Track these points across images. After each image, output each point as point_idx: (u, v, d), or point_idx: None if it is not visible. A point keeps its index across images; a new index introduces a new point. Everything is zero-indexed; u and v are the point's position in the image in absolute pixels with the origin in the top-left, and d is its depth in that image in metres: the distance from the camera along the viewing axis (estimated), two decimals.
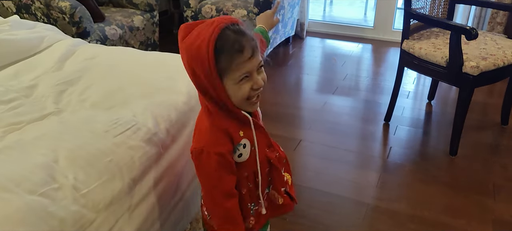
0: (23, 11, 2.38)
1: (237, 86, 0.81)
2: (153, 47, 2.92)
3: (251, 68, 0.81)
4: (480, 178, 1.79)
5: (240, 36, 0.79)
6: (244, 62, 0.79)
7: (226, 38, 0.78)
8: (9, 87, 1.28)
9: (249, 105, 0.86)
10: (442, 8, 2.19)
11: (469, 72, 1.74)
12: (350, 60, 3.19)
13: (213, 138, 0.86)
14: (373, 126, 2.23)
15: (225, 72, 0.80)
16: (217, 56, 0.77)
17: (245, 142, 0.90)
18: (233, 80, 0.80)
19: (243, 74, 0.80)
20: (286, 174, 1.03)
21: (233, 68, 0.79)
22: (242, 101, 0.84)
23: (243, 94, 0.82)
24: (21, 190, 0.82)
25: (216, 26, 0.78)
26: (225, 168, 0.87)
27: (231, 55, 0.78)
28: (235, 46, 0.77)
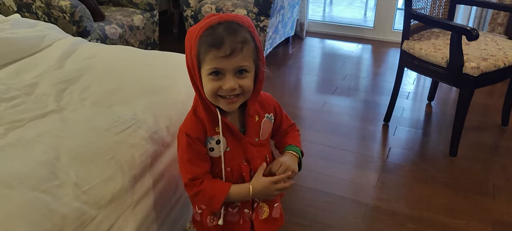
0: (24, 10, 2.38)
1: (207, 79, 0.82)
2: (153, 46, 2.92)
3: (224, 67, 0.80)
4: (480, 179, 1.79)
5: (227, 33, 0.78)
6: (219, 58, 0.79)
7: (214, 31, 0.79)
8: (10, 86, 1.28)
9: (221, 103, 0.85)
10: (443, 8, 2.20)
11: (469, 73, 1.75)
12: (349, 60, 3.19)
13: (189, 121, 0.91)
14: (373, 126, 2.23)
15: (201, 63, 0.82)
16: (199, 44, 0.80)
17: (220, 138, 0.90)
18: (205, 72, 0.82)
19: (213, 68, 0.80)
20: (263, 204, 1.00)
21: (206, 60, 0.80)
22: (211, 96, 0.84)
23: (210, 89, 0.83)
24: (23, 187, 0.83)
25: (215, 18, 0.80)
26: (195, 152, 0.90)
27: (208, 48, 0.79)
28: (214, 40, 0.78)
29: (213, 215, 0.99)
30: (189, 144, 0.89)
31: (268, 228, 1.00)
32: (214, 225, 0.99)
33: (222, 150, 0.91)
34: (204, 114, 0.88)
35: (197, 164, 0.90)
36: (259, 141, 0.96)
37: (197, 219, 1.03)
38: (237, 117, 0.93)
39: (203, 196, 0.91)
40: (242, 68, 0.81)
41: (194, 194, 0.91)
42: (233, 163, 0.94)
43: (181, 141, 0.91)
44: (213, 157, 0.93)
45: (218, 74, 0.81)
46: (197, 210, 1.01)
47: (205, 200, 0.92)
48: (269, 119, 0.98)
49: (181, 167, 0.93)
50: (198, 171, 0.90)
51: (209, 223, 0.99)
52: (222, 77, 0.81)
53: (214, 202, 0.91)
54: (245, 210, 0.99)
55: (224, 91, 0.82)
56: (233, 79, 0.81)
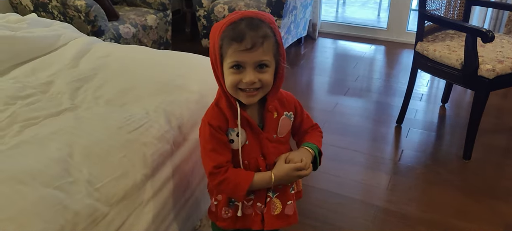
0: (40, 9, 2.43)
1: (228, 72, 0.85)
2: (165, 46, 2.95)
3: (245, 60, 0.82)
4: (493, 182, 1.76)
5: (248, 28, 0.81)
6: (240, 52, 0.82)
7: (236, 26, 0.82)
8: (26, 84, 1.31)
9: (241, 96, 0.87)
10: (458, 9, 2.16)
11: (484, 75, 1.72)
12: (362, 61, 3.17)
13: (212, 112, 0.93)
14: (385, 128, 2.21)
15: (223, 57, 0.85)
16: (222, 39, 0.83)
17: (240, 131, 0.92)
18: (226, 65, 0.84)
19: (234, 62, 0.83)
20: (276, 200, 1.00)
21: (228, 54, 0.83)
22: (231, 89, 0.86)
23: (230, 82, 0.85)
24: (37, 183, 0.85)
25: (238, 15, 0.84)
26: (218, 141, 0.91)
27: (230, 41, 0.82)
28: (236, 34, 0.81)
29: (228, 206, 1.00)
30: (211, 133, 0.91)
31: (279, 223, 1.00)
32: (228, 217, 1.00)
33: (240, 143, 0.92)
34: (226, 107, 0.91)
35: (220, 152, 0.91)
36: (276, 137, 0.97)
37: (213, 210, 1.04)
38: (256, 111, 0.95)
39: (228, 184, 0.91)
40: (262, 62, 0.84)
41: (218, 183, 0.91)
42: (251, 156, 0.95)
43: (203, 131, 0.93)
44: (232, 149, 0.94)
45: (239, 68, 0.83)
46: (214, 201, 1.02)
47: (230, 188, 0.92)
48: (288, 117, 0.99)
49: (204, 157, 0.93)
50: (221, 159, 0.91)
51: (223, 214, 1.00)
52: (242, 71, 0.84)
53: (238, 190, 0.91)
54: (258, 204, 1.00)
55: (244, 85, 0.84)
56: (253, 73, 0.83)
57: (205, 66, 1.51)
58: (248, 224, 1.01)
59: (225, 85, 0.87)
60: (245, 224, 1.01)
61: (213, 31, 0.86)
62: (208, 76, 1.40)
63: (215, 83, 1.37)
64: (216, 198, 1.01)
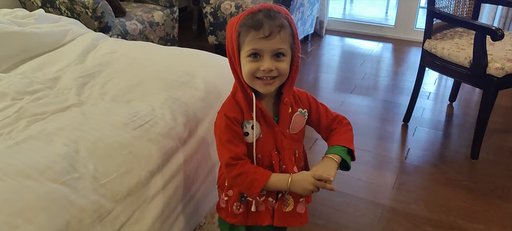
0: (48, 5, 2.44)
1: (245, 60, 0.86)
2: (172, 42, 2.95)
3: (262, 48, 0.84)
4: (502, 183, 1.74)
5: (266, 18, 0.83)
6: (257, 39, 0.83)
7: (254, 16, 0.84)
8: (34, 79, 1.32)
9: (258, 85, 0.88)
10: (467, 7, 2.14)
11: (493, 74, 1.70)
12: (369, 59, 3.14)
13: (228, 104, 0.93)
14: (392, 127, 2.20)
15: (241, 45, 0.86)
16: (240, 28, 0.85)
17: (254, 124, 0.92)
18: (244, 53, 0.86)
19: (252, 49, 0.84)
20: (289, 197, 1.00)
21: (246, 42, 0.84)
22: (248, 77, 0.87)
23: (248, 70, 0.86)
24: (44, 178, 0.85)
25: (256, 7, 0.85)
26: (233, 133, 0.91)
27: (247, 29, 0.84)
28: (254, 22, 0.83)
29: (240, 202, 0.99)
30: (227, 124, 0.90)
31: (289, 221, 1.00)
32: (240, 213, 1.00)
33: (255, 136, 0.92)
34: (242, 99, 0.91)
35: (237, 144, 0.91)
36: (289, 133, 0.97)
37: (222, 206, 1.03)
38: (272, 105, 0.95)
39: (245, 178, 0.90)
40: (279, 51, 0.85)
41: (235, 175, 0.90)
42: (264, 150, 0.94)
43: (220, 123, 0.93)
44: (247, 143, 0.94)
45: (256, 56, 0.85)
46: (224, 197, 1.02)
47: (246, 183, 0.91)
48: (302, 114, 0.98)
49: (221, 148, 0.92)
50: (238, 150, 0.90)
51: (235, 210, 0.99)
52: (259, 59, 0.85)
53: (254, 186, 0.90)
54: (269, 199, 0.99)
55: (261, 73, 0.85)
56: (270, 61, 0.85)
57: (212, 64, 1.51)
58: (260, 220, 1.00)
59: (241, 75, 0.88)
60: (256, 220, 1.01)
61: (230, 23, 0.88)
62: (214, 74, 1.41)
63: (222, 80, 1.38)
64: (226, 193, 1.01)
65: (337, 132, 1.01)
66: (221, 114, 0.92)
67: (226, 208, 1.02)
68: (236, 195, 0.99)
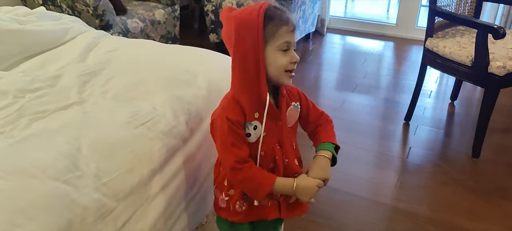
0: (49, 3, 2.44)
1: (278, 54, 0.88)
2: (173, 41, 2.95)
3: (291, 40, 0.89)
4: (503, 182, 1.74)
5: (283, 12, 0.89)
6: (288, 33, 0.87)
7: (273, 10, 0.87)
8: (35, 77, 1.31)
9: (285, 77, 0.91)
10: (469, 6, 2.13)
11: (495, 72, 1.69)
12: (371, 58, 3.14)
13: (228, 106, 0.92)
14: (393, 125, 2.19)
15: (269, 39, 0.87)
16: (266, 23, 0.85)
17: (257, 124, 0.92)
18: (275, 47, 0.87)
19: (285, 42, 0.87)
20: None
21: (278, 35, 0.86)
22: (279, 70, 0.89)
23: (282, 63, 0.88)
24: (45, 177, 0.85)
25: (264, 2, 0.87)
26: (237, 136, 0.90)
27: (278, 24, 0.86)
28: (282, 17, 0.87)
29: (242, 199, 0.99)
30: (230, 128, 0.90)
31: (294, 212, 1.03)
32: (243, 210, 1.00)
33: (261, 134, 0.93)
34: (247, 100, 0.90)
35: (241, 147, 0.91)
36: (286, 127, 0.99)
37: (222, 206, 1.03)
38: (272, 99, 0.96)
39: (251, 182, 0.91)
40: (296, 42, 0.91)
41: (241, 179, 0.91)
42: (268, 146, 0.95)
43: (222, 126, 0.91)
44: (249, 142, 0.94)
45: (286, 49, 0.88)
46: (224, 197, 1.01)
47: (252, 187, 0.92)
48: (295, 107, 1.01)
49: (224, 152, 0.92)
50: (242, 154, 0.90)
51: (238, 208, 1.00)
52: (288, 52, 0.89)
53: (260, 190, 0.91)
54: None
55: (292, 65, 0.90)
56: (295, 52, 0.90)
57: (213, 62, 1.51)
58: (264, 215, 1.01)
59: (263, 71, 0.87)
60: (260, 215, 1.01)
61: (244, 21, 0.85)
62: (216, 72, 1.41)
63: (223, 78, 1.37)
64: (227, 193, 1.00)
65: (325, 129, 1.05)
66: (223, 117, 0.91)
67: (227, 207, 1.02)
68: (238, 194, 0.99)
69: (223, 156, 0.93)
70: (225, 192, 1.01)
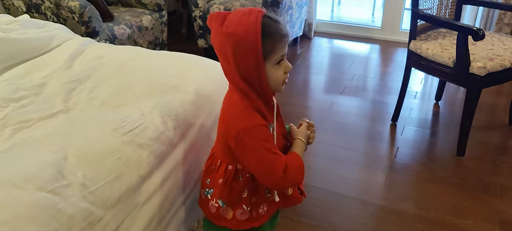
0: (33, 10, 2.41)
1: (275, 68, 0.89)
2: (161, 46, 2.94)
3: (285, 52, 0.89)
4: (488, 179, 1.77)
5: (278, 24, 0.88)
6: (283, 47, 0.88)
7: (269, 24, 0.86)
8: (19, 86, 1.30)
9: (281, 87, 0.93)
10: (450, 9, 2.18)
11: (476, 72, 1.73)
12: (357, 60, 3.18)
13: (252, 116, 0.90)
14: (380, 126, 2.22)
15: (267, 55, 0.86)
16: (264, 40, 0.84)
17: (274, 126, 0.96)
18: (272, 62, 0.88)
19: (281, 56, 0.88)
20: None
21: (275, 51, 0.87)
22: (277, 83, 0.91)
23: (279, 76, 0.90)
24: (31, 187, 0.84)
25: (258, 14, 0.85)
26: (272, 139, 0.92)
27: (275, 39, 0.86)
28: (279, 32, 0.87)
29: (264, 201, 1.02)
30: (266, 133, 0.89)
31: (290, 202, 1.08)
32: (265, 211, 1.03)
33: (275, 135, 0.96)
34: (263, 105, 0.92)
35: (277, 151, 0.91)
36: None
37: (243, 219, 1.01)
38: None
39: (293, 171, 0.92)
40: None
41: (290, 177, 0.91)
42: (279, 143, 0.98)
43: (256, 136, 0.87)
44: None
45: (280, 62, 0.89)
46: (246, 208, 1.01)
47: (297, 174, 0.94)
48: None
49: (272, 162, 0.88)
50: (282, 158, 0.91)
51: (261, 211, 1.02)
52: (282, 63, 0.90)
53: (302, 167, 0.95)
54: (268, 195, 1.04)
55: (286, 75, 0.92)
56: None
57: (201, 67, 1.51)
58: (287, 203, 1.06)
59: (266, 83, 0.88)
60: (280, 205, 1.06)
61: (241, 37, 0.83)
62: (204, 77, 1.41)
63: (212, 83, 1.38)
64: (249, 203, 1.01)
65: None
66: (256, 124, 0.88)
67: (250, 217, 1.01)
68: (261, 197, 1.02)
69: (269, 166, 0.89)
70: (247, 203, 1.00)
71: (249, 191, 0.99)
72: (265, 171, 0.90)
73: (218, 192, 1.00)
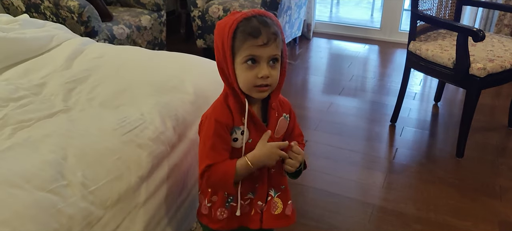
0: (32, 10, 2.40)
1: (244, 67, 0.86)
2: (160, 46, 2.94)
3: (259, 55, 0.84)
4: (487, 180, 1.78)
5: (261, 25, 0.84)
6: (255, 47, 0.84)
7: (248, 22, 0.84)
8: (19, 85, 1.29)
9: (254, 92, 0.88)
10: (449, 9, 2.18)
11: (476, 74, 1.74)
12: (356, 61, 3.18)
13: (219, 108, 0.92)
14: (379, 127, 2.22)
15: (236, 51, 0.85)
16: (235, 35, 0.84)
17: (244, 130, 0.92)
18: (240, 60, 0.85)
19: (249, 55, 0.84)
20: (278, 200, 1.01)
21: (243, 48, 0.84)
22: (246, 85, 0.87)
23: (247, 78, 0.86)
24: (31, 187, 0.84)
25: (247, 12, 0.85)
26: (220, 139, 0.90)
27: (245, 36, 0.84)
28: (251, 30, 0.83)
29: (224, 207, 0.98)
30: (217, 130, 0.89)
31: (278, 223, 1.00)
32: (224, 218, 0.99)
33: (244, 141, 0.92)
34: (234, 104, 0.91)
35: (220, 151, 0.90)
36: (274, 137, 0.97)
37: (204, 213, 1.02)
38: (260, 110, 0.96)
39: (215, 175, 0.89)
40: (275, 57, 0.87)
41: (207, 178, 0.90)
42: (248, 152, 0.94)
43: (208, 127, 0.90)
44: (235, 148, 0.93)
45: (253, 62, 0.85)
46: (206, 203, 1.00)
47: (218, 179, 0.90)
48: (285, 119, 1.00)
49: (202, 153, 0.91)
50: (218, 158, 0.89)
51: (219, 216, 0.99)
52: (256, 66, 0.86)
53: (227, 178, 0.89)
54: (259, 202, 0.99)
55: (260, 80, 0.86)
56: (267, 67, 0.86)
57: (200, 67, 1.51)
58: (246, 223, 1.00)
59: (235, 82, 0.87)
60: (241, 222, 1.00)
61: (220, 29, 0.87)
62: (203, 77, 1.41)
63: (211, 83, 1.37)
64: (210, 199, 1.00)
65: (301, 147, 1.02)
66: (211, 118, 0.91)
67: (209, 214, 1.01)
68: (220, 201, 0.98)
69: (200, 157, 0.92)
70: (208, 198, 1.00)
71: (205, 186, 1.00)
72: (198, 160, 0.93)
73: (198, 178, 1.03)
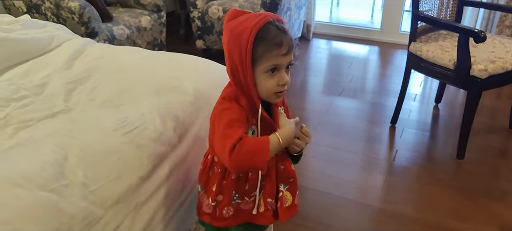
0: (33, 11, 2.41)
1: (265, 76, 0.87)
2: (160, 47, 2.94)
3: (281, 63, 0.86)
4: (488, 182, 1.78)
5: (281, 32, 0.86)
6: (278, 56, 0.85)
7: (268, 30, 0.85)
8: (20, 86, 1.30)
9: (273, 98, 0.91)
10: (450, 10, 2.18)
11: (477, 75, 1.74)
12: (356, 62, 3.18)
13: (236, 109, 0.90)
14: (379, 129, 2.22)
15: (258, 60, 0.85)
16: (256, 44, 0.84)
17: (254, 129, 0.93)
18: (262, 69, 0.86)
19: (272, 65, 0.86)
20: (287, 193, 1.02)
21: (266, 57, 0.85)
22: (267, 92, 0.89)
23: (269, 86, 0.88)
24: (32, 186, 0.84)
25: (263, 18, 0.85)
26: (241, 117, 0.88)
27: (269, 46, 0.84)
28: (275, 40, 0.84)
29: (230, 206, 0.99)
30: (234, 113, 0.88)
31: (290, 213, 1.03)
32: (230, 216, 1.00)
33: None
34: (246, 104, 0.91)
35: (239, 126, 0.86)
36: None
37: (207, 211, 1.01)
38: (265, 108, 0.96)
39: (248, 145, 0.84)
40: (291, 63, 0.90)
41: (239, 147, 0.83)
42: None
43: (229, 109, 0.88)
44: None
45: (274, 71, 0.87)
46: (211, 202, 1.00)
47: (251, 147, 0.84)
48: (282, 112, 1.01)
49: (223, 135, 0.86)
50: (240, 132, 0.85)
51: (225, 214, 0.99)
52: (276, 73, 0.87)
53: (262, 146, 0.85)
54: (268, 199, 1.00)
55: (280, 87, 0.88)
56: (286, 74, 0.89)
57: (200, 68, 1.51)
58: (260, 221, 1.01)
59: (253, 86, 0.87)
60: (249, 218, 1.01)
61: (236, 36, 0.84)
62: (203, 78, 1.41)
63: (210, 84, 1.37)
64: (214, 198, 1.00)
65: None
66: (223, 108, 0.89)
67: (213, 212, 1.01)
68: (227, 200, 0.99)
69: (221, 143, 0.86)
70: (213, 197, 1.00)
71: (218, 187, 0.99)
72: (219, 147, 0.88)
73: (199, 178, 1.04)
